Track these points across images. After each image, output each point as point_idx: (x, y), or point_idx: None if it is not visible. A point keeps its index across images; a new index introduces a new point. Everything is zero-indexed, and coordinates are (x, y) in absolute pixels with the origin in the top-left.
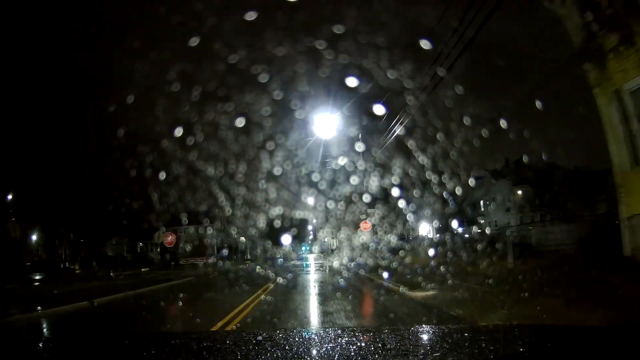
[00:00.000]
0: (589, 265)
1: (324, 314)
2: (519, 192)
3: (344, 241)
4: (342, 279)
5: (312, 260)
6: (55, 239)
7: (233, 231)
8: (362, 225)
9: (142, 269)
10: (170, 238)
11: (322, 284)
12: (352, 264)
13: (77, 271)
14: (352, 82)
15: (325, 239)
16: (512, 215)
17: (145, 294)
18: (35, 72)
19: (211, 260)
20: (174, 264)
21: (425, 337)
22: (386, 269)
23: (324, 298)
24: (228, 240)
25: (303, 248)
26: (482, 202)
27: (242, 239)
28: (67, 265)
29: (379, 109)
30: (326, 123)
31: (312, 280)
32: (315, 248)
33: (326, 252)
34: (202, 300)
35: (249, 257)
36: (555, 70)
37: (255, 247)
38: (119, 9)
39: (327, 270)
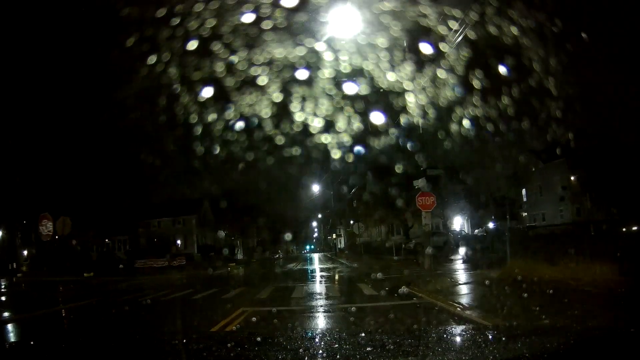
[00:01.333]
0: None
1: None
2: (572, 177)
3: (356, 237)
4: None
5: (317, 263)
6: (15, 234)
7: (221, 229)
8: (419, 200)
9: (85, 274)
10: (46, 227)
11: None
12: (405, 290)
13: (18, 274)
14: None
15: (333, 236)
16: (567, 206)
17: None
18: None
19: (177, 262)
20: (122, 267)
21: (425, 337)
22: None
23: None
24: (213, 237)
25: (307, 247)
26: (523, 191)
27: (222, 233)
28: (13, 267)
29: None
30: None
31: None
32: (320, 247)
33: (332, 251)
34: None
35: (239, 257)
36: None
37: (252, 245)
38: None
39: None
